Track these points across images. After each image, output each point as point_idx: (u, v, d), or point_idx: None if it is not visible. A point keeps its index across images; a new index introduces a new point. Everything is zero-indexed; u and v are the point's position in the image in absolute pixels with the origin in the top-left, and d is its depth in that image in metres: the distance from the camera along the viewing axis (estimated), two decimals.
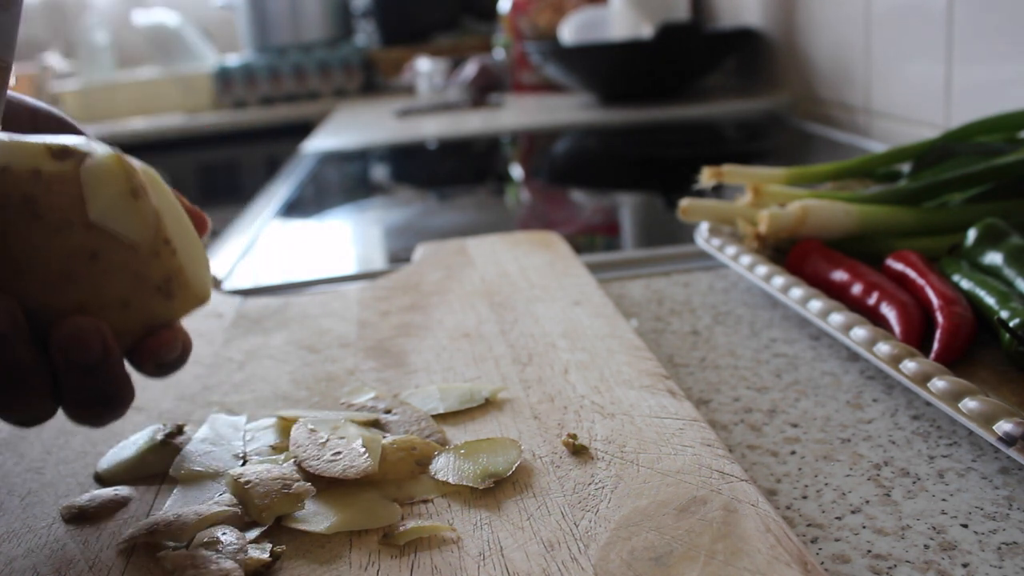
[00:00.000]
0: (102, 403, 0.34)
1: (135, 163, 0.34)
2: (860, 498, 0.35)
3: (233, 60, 2.33)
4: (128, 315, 0.33)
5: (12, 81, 0.35)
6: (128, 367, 0.35)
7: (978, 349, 0.45)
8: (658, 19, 1.49)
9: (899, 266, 0.51)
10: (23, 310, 0.32)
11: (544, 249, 0.65)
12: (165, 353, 0.36)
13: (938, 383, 0.39)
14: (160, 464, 0.39)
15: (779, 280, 0.53)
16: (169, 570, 0.31)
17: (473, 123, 1.57)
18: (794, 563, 0.28)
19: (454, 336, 0.51)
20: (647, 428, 0.38)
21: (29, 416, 0.34)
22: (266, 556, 0.31)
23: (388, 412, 0.42)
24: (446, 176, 1.31)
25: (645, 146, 1.33)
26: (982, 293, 0.46)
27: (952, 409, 0.37)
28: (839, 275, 0.52)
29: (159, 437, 0.40)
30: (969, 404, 0.37)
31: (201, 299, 0.36)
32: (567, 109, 1.59)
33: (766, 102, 1.39)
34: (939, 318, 0.45)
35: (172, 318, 0.35)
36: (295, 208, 1.09)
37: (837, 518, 0.34)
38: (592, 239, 0.86)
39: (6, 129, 0.36)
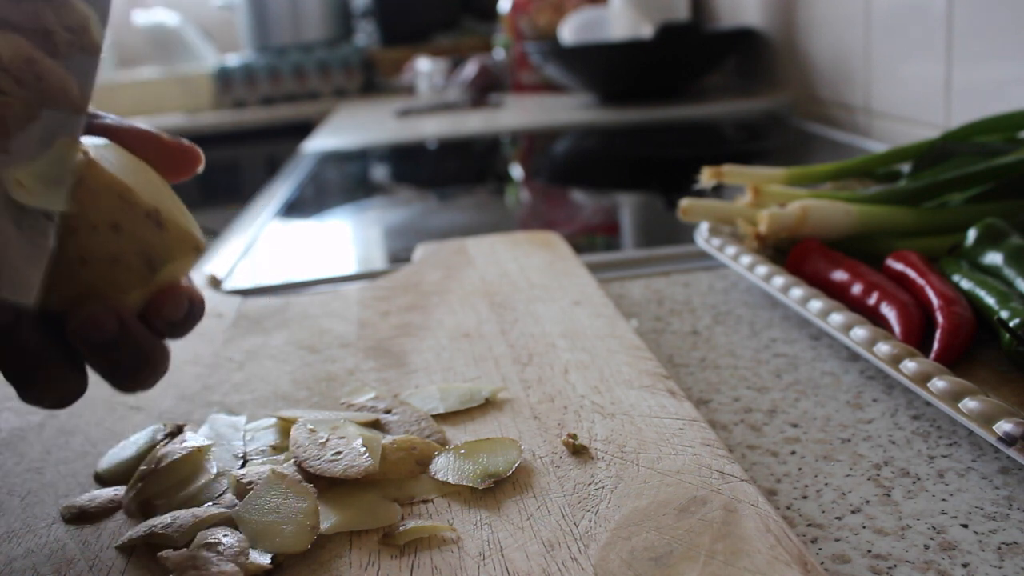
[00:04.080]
0: (136, 368, 0.35)
1: (87, 143, 0.34)
2: (860, 498, 0.35)
3: (233, 60, 2.33)
4: (122, 240, 0.33)
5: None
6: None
7: (978, 349, 0.45)
8: (658, 19, 1.49)
9: (899, 266, 0.51)
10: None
11: (544, 249, 0.65)
12: (172, 310, 0.36)
13: (938, 383, 0.39)
14: None
15: (779, 280, 0.53)
16: (169, 570, 0.31)
17: (473, 123, 1.57)
18: (794, 563, 0.28)
19: (454, 336, 0.51)
20: (647, 428, 0.38)
21: (56, 396, 0.35)
22: (267, 563, 0.31)
23: (388, 412, 0.41)
24: (446, 176, 1.31)
25: (645, 146, 1.33)
26: (982, 293, 0.46)
27: (952, 409, 0.37)
28: (839, 275, 0.52)
29: (159, 437, 0.40)
30: (969, 404, 0.37)
31: (192, 240, 0.36)
32: (567, 109, 1.59)
33: (766, 102, 1.39)
34: (939, 318, 0.45)
35: (168, 256, 0.35)
36: (295, 208, 1.09)
37: (837, 518, 0.34)
38: (592, 239, 0.86)
39: None
